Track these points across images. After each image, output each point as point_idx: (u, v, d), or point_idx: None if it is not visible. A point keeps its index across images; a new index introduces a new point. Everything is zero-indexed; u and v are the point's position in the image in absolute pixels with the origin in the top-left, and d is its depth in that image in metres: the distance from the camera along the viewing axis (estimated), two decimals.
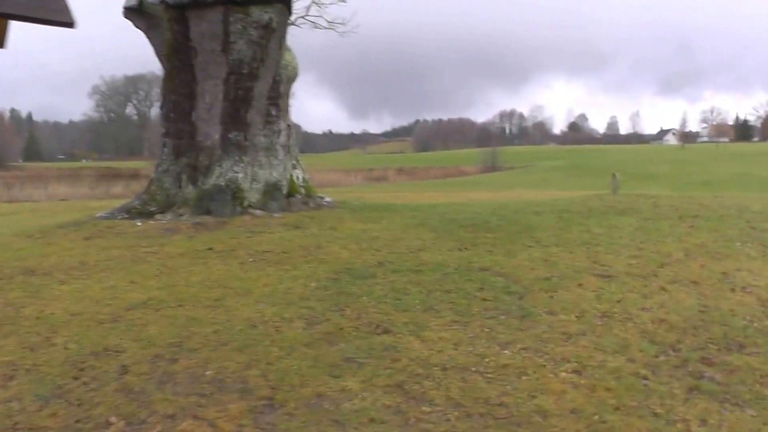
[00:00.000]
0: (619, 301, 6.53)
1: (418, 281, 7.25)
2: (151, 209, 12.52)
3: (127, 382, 4.74)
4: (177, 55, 12.82)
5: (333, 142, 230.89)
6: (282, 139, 13.39)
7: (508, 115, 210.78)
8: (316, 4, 17.86)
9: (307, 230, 10.71)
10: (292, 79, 14.15)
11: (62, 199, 37.46)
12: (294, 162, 14.01)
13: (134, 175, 63.27)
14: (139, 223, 11.57)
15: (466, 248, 9.06)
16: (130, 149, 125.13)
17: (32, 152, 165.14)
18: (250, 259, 8.58)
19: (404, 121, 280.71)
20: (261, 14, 12.43)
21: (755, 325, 5.94)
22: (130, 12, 13.62)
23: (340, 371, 4.84)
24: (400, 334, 5.59)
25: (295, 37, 18.27)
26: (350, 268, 7.91)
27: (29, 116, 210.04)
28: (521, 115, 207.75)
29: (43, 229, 11.79)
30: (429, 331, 5.66)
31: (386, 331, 5.67)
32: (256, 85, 12.72)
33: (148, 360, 5.13)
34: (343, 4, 17.75)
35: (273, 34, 12.67)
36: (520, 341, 5.45)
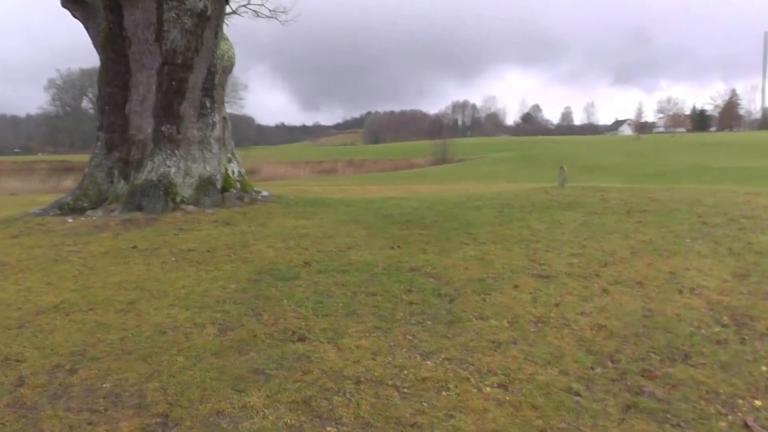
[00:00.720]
0: (556, 305, 6.30)
1: (343, 282, 6.99)
2: (83, 205, 12.14)
3: (20, 395, 4.47)
4: (111, 45, 12.41)
5: (285, 134, 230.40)
6: (216, 132, 13.03)
7: (461, 107, 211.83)
8: None
9: (237, 227, 10.43)
10: (228, 69, 13.78)
11: (12, 194, 36.68)
12: (229, 156, 13.66)
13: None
14: (70, 220, 11.19)
15: (398, 246, 8.83)
16: (85, 143, 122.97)
17: None
18: (173, 259, 8.27)
19: (356, 113, 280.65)
20: (196, 2, 12.08)
21: (702, 332, 5.70)
22: (67, 1, 13.22)
23: (245, 384, 4.59)
24: (317, 342, 5.34)
25: (245, 28, 17.93)
26: (274, 269, 7.65)
27: None
28: (474, 107, 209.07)
29: None
30: (347, 339, 5.41)
31: (302, 339, 5.42)
32: (191, 76, 12.37)
33: (47, 370, 4.86)
34: None
35: (208, 23, 12.31)
36: (444, 350, 5.22)
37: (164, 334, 5.52)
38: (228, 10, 17.53)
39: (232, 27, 17.88)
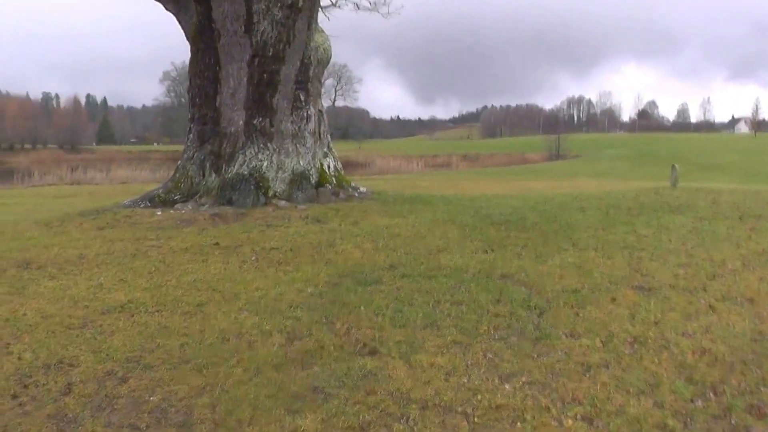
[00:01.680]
0: (656, 323, 5.51)
1: (428, 289, 6.44)
2: (174, 198, 12.07)
3: (64, 405, 4.15)
4: (201, 37, 12.31)
5: (401, 127, 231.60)
6: (311, 125, 12.70)
7: (576, 102, 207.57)
8: None
9: (327, 225, 10.00)
10: (323, 62, 13.41)
11: (123, 182, 37.91)
12: (325, 150, 13.30)
13: None
14: (159, 213, 11.09)
15: (491, 250, 8.19)
16: None
17: (105, 136, 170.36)
18: (253, 258, 7.93)
19: (472, 107, 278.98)
20: None
21: None
22: None
23: (300, 404, 4.11)
24: (388, 357, 4.82)
25: (358, 21, 17.61)
26: (356, 271, 7.17)
27: (104, 101, 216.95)
28: (589, 102, 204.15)
29: (63, 216, 11.49)
30: (422, 354, 4.86)
31: (372, 352, 4.91)
32: (283, 68, 12.07)
33: (97, 378, 4.54)
34: None
35: (300, 14, 11.98)
36: (526, 372, 4.57)
37: (227, 342, 5.14)
38: (327, 2, 17.29)
39: (344, 20, 17.58)
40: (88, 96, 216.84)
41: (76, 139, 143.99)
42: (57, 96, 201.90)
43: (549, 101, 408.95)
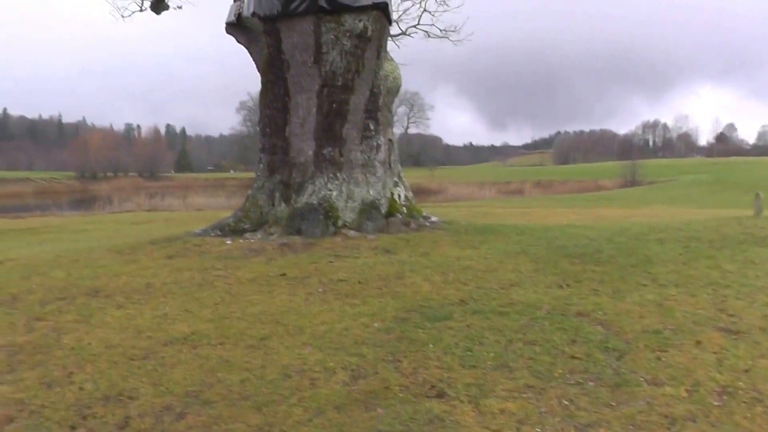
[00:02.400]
0: (746, 371, 4.99)
1: (499, 327, 6.14)
2: (244, 227, 12.07)
3: None
4: (271, 68, 12.39)
5: (473, 154, 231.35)
6: (381, 154, 12.57)
7: (651, 126, 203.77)
8: (428, 12, 16.89)
9: (396, 256, 9.79)
10: (393, 91, 13.33)
11: (198, 209, 38.67)
12: (395, 179, 13.15)
13: None
14: (228, 242, 11.10)
15: (567, 285, 7.82)
16: None
17: (183, 164, 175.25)
18: (320, 289, 7.77)
19: (545, 133, 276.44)
20: (355, 22, 11.75)
21: None
22: (231, 27, 13.50)
23: None
24: (456, 401, 4.54)
25: (429, 48, 17.56)
26: (425, 306, 6.92)
27: (183, 131, 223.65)
28: (665, 126, 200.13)
29: (135, 244, 11.63)
30: (492, 399, 4.57)
31: (440, 395, 4.66)
32: (352, 98, 12.02)
33: (155, 412, 4.46)
34: (456, 11, 16.47)
35: (369, 44, 11.93)
36: (604, 423, 4.19)
37: (288, 378, 4.97)
38: (397, 31, 17.26)
39: (415, 48, 17.61)
40: (167, 126, 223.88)
41: (156, 167, 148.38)
42: (138, 126, 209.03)
43: (623, 126, 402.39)
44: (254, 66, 13.32)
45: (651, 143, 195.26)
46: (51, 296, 7.82)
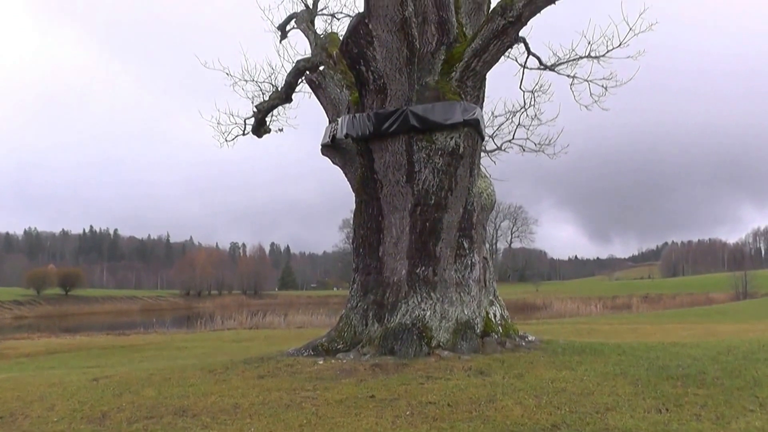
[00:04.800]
0: None
1: None
2: (337, 347, 11.98)
3: None
4: (364, 188, 12.59)
5: (579, 267, 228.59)
6: (476, 273, 12.38)
7: (763, 234, 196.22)
8: (523, 126, 16.94)
9: (490, 378, 9.43)
10: (487, 207, 13.24)
11: (299, 327, 39.04)
12: (491, 298, 12.88)
13: None
14: (321, 362, 11.01)
15: (666, 409, 7.33)
16: None
17: (287, 281, 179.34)
18: (408, 412, 7.53)
19: (651, 244, 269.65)
20: (446, 140, 11.84)
21: None
22: (326, 149, 13.92)
23: None
24: None
25: (531, 162, 17.50)
26: (515, 431, 6.58)
27: (287, 249, 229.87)
28: None
29: (228, 363, 11.69)
30: None
31: None
32: (445, 216, 11.98)
33: None
34: (551, 123, 16.49)
35: (461, 161, 11.98)
36: None
37: None
38: (492, 146, 17.36)
39: (516, 161, 17.61)
40: (272, 244, 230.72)
41: (260, 285, 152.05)
42: (243, 245, 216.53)
43: (732, 234, 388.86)
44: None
45: (763, 252, 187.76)
46: (139, 414, 7.89)
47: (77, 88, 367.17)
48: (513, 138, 17.21)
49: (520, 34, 12.76)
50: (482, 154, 14.15)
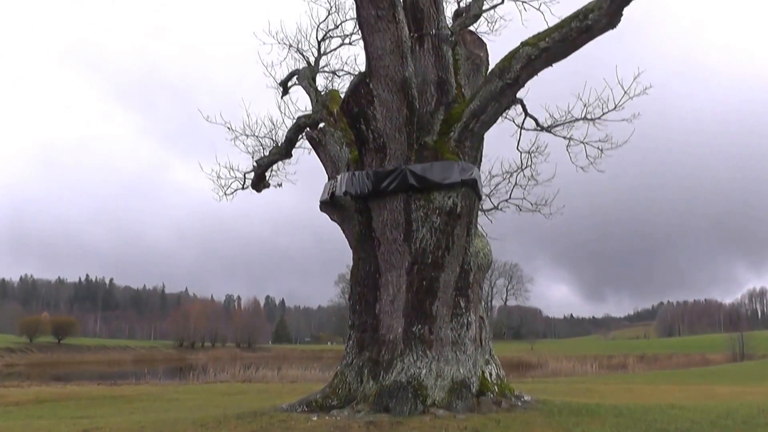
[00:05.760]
0: None
1: None
2: (331, 403, 11.94)
3: None
4: (362, 245, 12.69)
5: (574, 326, 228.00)
6: (472, 332, 12.41)
7: (759, 295, 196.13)
8: (519, 186, 17.10)
9: None
10: (484, 267, 13.35)
11: (292, 381, 38.71)
12: (487, 357, 12.88)
13: None
14: (315, 418, 10.98)
15: None
16: None
17: (281, 335, 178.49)
18: None
19: (646, 303, 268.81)
20: (444, 200, 12.00)
21: None
22: (324, 205, 14.05)
23: None
24: None
25: (526, 220, 17.57)
26: None
27: (282, 302, 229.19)
28: None
29: (221, 417, 11.63)
30: None
31: None
32: (442, 275, 12.06)
33: None
34: (547, 184, 16.65)
35: (459, 221, 12.10)
36: None
37: None
38: (489, 205, 17.49)
39: (512, 218, 17.71)
40: (267, 297, 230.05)
41: (253, 338, 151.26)
42: (238, 298, 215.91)
43: (728, 295, 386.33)
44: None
45: (759, 314, 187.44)
46: None
47: (76, 135, 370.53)
48: (510, 197, 17.36)
49: (518, 95, 13.00)
50: (479, 213, 14.25)
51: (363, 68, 12.25)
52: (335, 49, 18.78)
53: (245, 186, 18.91)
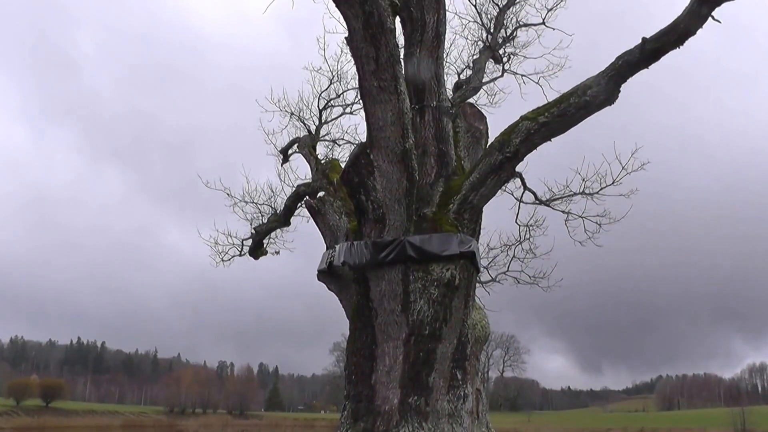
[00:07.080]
0: None
1: None
2: None
3: None
4: (359, 316, 12.59)
5: (572, 398, 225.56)
6: (468, 404, 12.24)
7: (758, 370, 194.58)
8: (517, 258, 17.11)
9: None
10: (481, 339, 13.25)
11: None
12: (484, 430, 12.69)
13: None
14: None
15: None
16: None
17: (274, 402, 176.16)
18: None
19: (644, 376, 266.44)
20: (442, 271, 11.95)
21: None
22: (322, 275, 13.97)
23: None
24: None
25: (524, 291, 17.52)
26: None
27: (275, 370, 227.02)
28: None
29: None
30: None
31: None
32: (439, 347, 11.94)
33: None
34: (545, 257, 16.66)
35: (457, 293, 12.05)
36: None
37: None
38: (487, 277, 17.46)
39: (510, 290, 17.67)
40: (260, 365, 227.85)
41: (246, 405, 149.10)
42: (232, 364, 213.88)
43: (726, 369, 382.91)
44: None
45: (760, 388, 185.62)
46: None
47: (66, 193, 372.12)
48: (508, 270, 17.35)
49: (517, 169, 13.11)
50: (477, 285, 14.22)
51: (363, 138, 12.36)
52: (336, 118, 18.92)
53: (242, 253, 18.89)
